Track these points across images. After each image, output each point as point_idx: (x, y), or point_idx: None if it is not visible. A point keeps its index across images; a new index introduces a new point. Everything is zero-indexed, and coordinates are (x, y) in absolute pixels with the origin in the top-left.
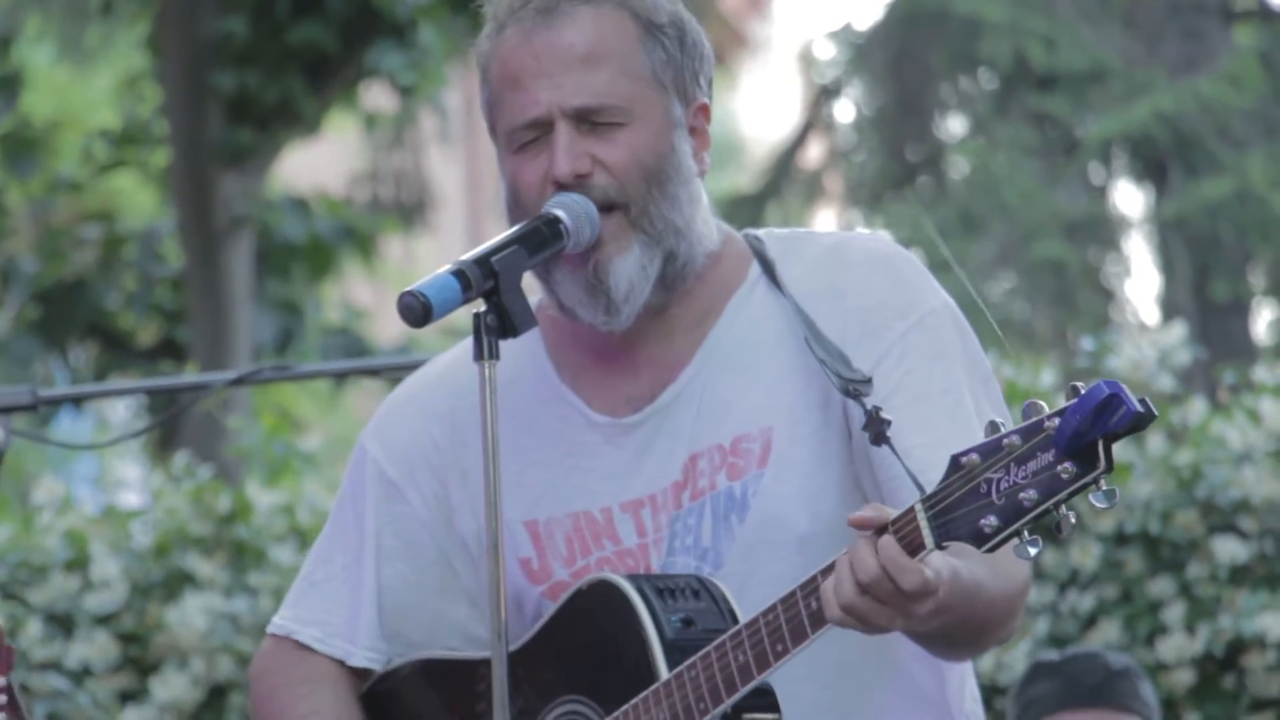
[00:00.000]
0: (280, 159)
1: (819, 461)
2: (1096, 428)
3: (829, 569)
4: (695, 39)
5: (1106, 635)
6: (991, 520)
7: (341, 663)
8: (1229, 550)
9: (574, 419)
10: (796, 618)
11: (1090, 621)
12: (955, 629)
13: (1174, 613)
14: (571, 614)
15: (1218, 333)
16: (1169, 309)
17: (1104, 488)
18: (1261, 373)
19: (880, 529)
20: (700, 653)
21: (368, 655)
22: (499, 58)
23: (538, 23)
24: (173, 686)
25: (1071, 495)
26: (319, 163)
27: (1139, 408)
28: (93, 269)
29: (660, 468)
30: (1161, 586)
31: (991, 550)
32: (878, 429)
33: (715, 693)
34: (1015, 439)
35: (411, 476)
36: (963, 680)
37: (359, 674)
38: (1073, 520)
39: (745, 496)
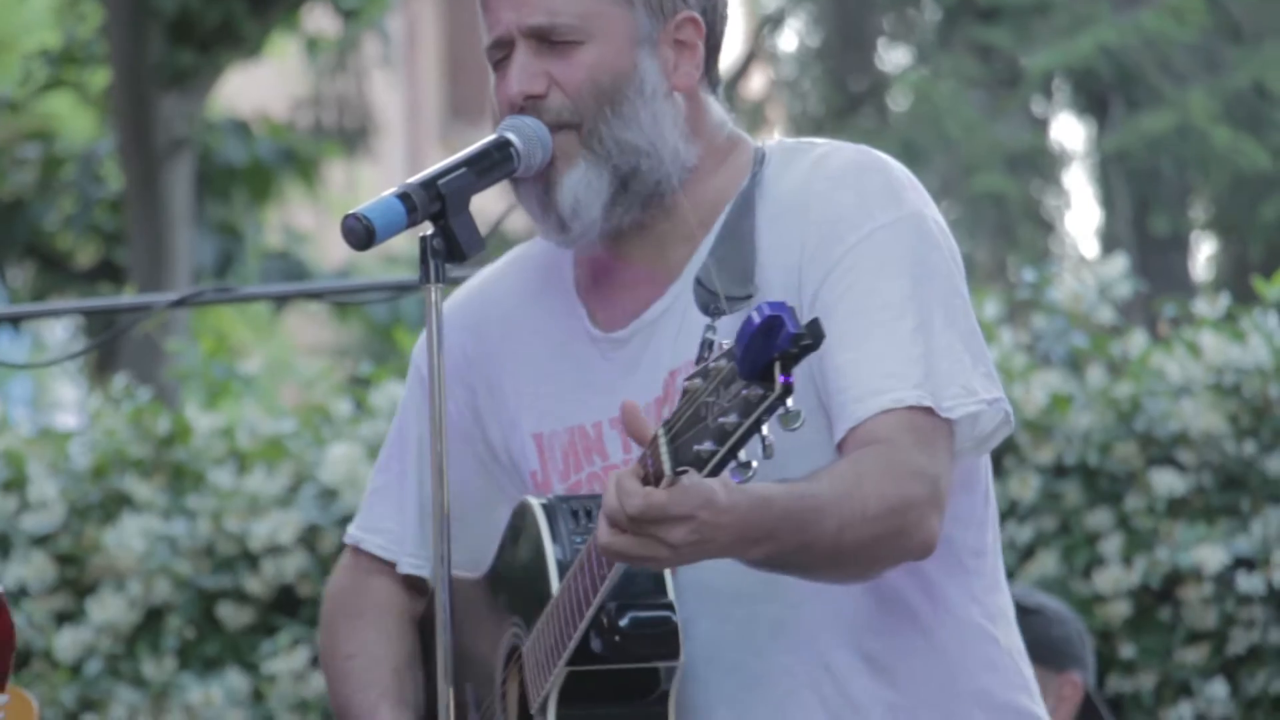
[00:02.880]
0: (221, 81)
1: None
2: (767, 350)
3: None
4: None
5: (1044, 566)
6: (707, 445)
7: (405, 576)
8: (1167, 483)
9: (579, 332)
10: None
11: (1028, 553)
12: (797, 554)
13: (1111, 545)
14: (509, 537)
15: (1157, 267)
16: (1109, 242)
17: (789, 409)
18: (1201, 306)
19: (641, 458)
20: (570, 570)
21: (412, 562)
22: None
23: None
24: (109, 608)
25: (761, 417)
26: (260, 86)
27: (797, 329)
28: (31, 189)
29: (644, 383)
30: (1099, 518)
31: (712, 474)
32: (700, 352)
33: (580, 607)
34: (721, 363)
35: (448, 384)
36: (970, 595)
37: (420, 588)
38: (771, 441)
39: None
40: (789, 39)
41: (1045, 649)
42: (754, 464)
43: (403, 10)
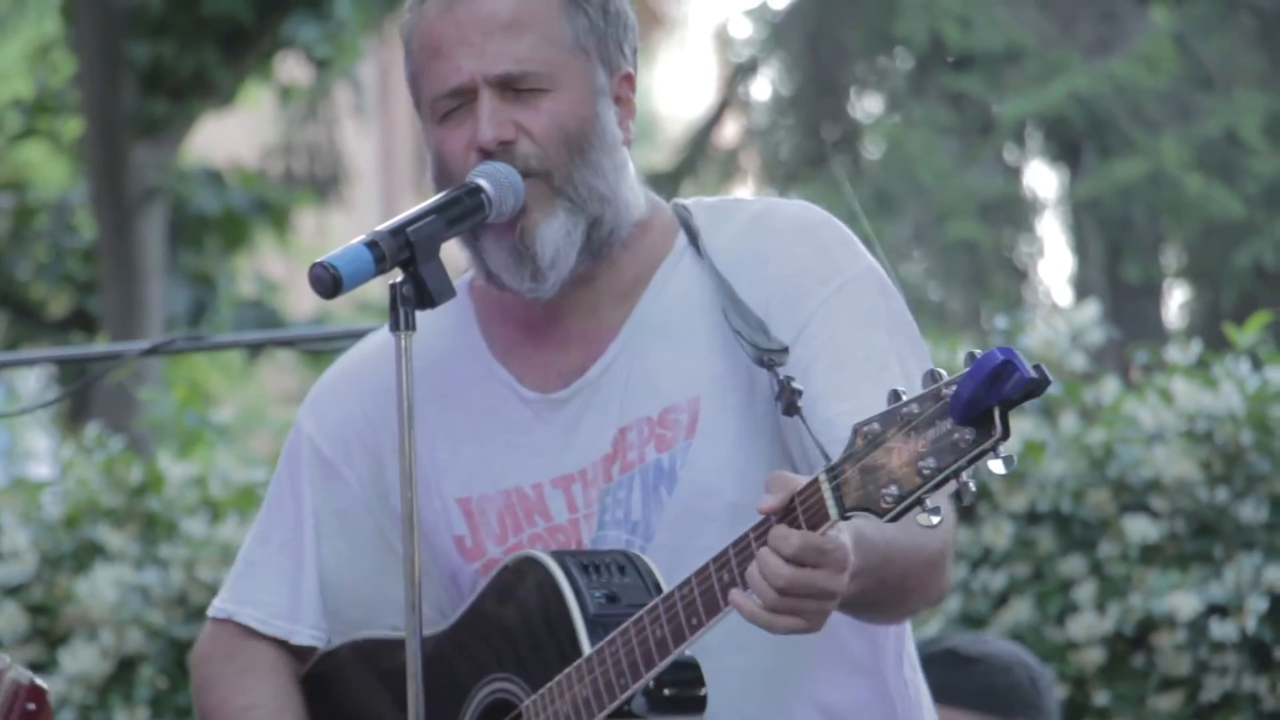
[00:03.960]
0: (194, 130)
1: (747, 431)
2: (991, 395)
3: (740, 541)
4: (619, 8)
5: (1018, 614)
6: (893, 490)
7: (283, 645)
8: (1140, 529)
9: (505, 395)
10: (710, 591)
11: (1002, 600)
12: (873, 590)
13: (1085, 591)
14: (499, 591)
15: (1130, 314)
16: (1081, 290)
17: (1002, 454)
18: (1174, 353)
19: (788, 507)
20: (620, 628)
21: (311, 634)
22: (421, 28)
23: None
24: (82, 659)
25: (970, 463)
26: (233, 135)
27: (1032, 374)
28: (4, 239)
29: (590, 442)
30: (1072, 565)
31: (894, 520)
32: (789, 400)
33: (634, 667)
34: (914, 407)
35: (347, 454)
36: (900, 646)
37: (300, 655)
38: (973, 488)
39: (674, 468)
40: (762, 87)
41: (989, 697)
42: (941, 509)
43: (375, 58)
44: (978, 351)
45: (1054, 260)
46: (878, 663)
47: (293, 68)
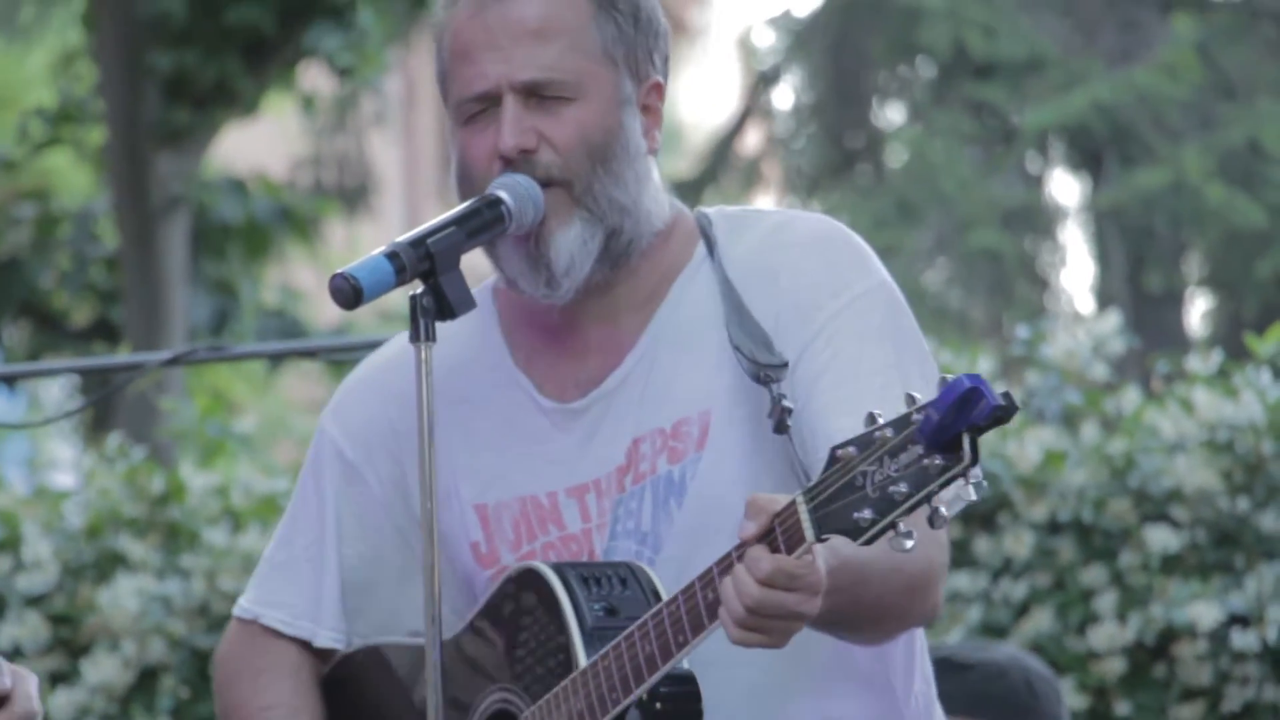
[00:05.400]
0: (217, 140)
1: (756, 444)
2: (959, 421)
3: (724, 559)
4: (650, 16)
5: (1039, 624)
6: (866, 513)
7: (306, 646)
8: (1161, 539)
9: (524, 403)
10: (695, 608)
11: (1023, 610)
12: (846, 610)
13: (1106, 601)
14: (502, 602)
15: (1152, 323)
16: (1104, 298)
17: (972, 480)
18: (1195, 362)
19: (766, 529)
20: (613, 642)
21: (332, 635)
22: (452, 29)
23: None
24: (104, 668)
25: (941, 488)
26: (257, 144)
27: (1000, 401)
28: (27, 248)
29: (605, 452)
30: (1093, 575)
31: (867, 544)
32: (779, 417)
33: (626, 682)
34: (888, 432)
35: (369, 458)
36: (910, 660)
37: (322, 656)
38: (944, 513)
39: (684, 480)
40: (784, 96)
41: (982, 703)
42: (914, 534)
43: (400, 69)
44: (948, 377)
45: (1076, 269)
46: (886, 675)
47: (316, 77)
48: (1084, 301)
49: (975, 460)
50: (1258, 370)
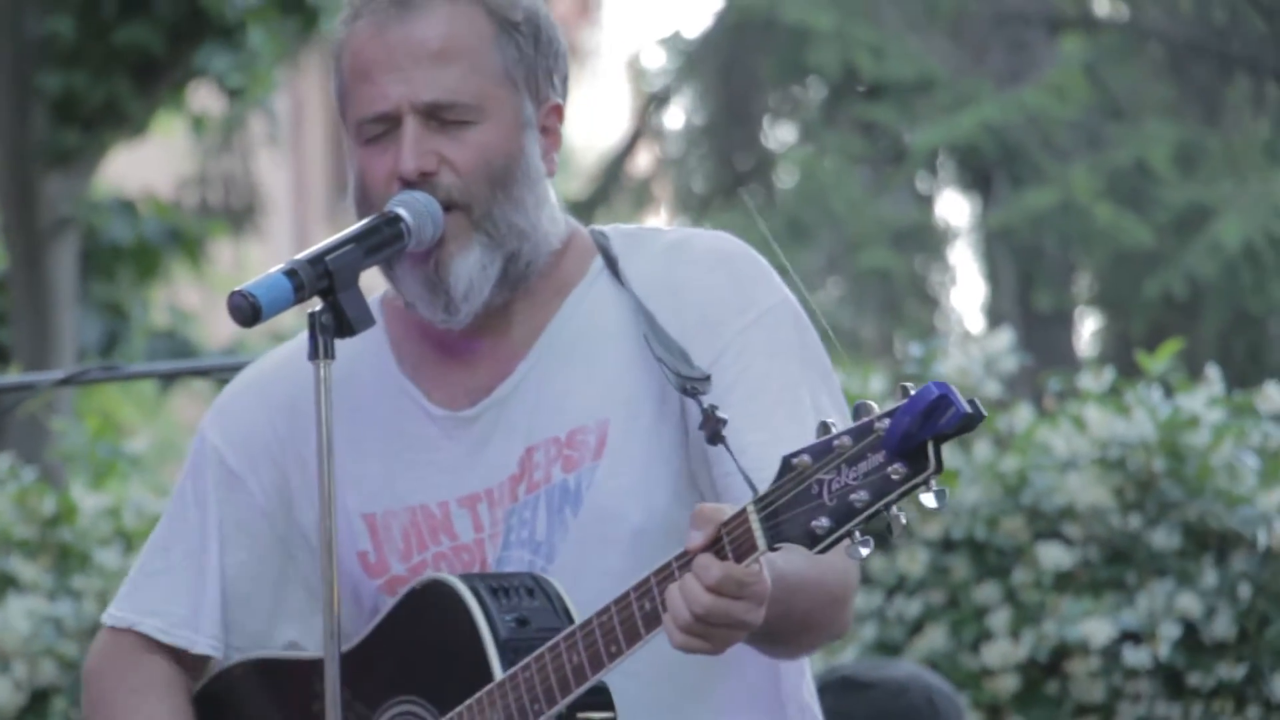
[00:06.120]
0: (106, 160)
1: (654, 456)
2: (926, 429)
3: (662, 569)
4: (550, 37)
5: (932, 641)
6: (823, 522)
7: (180, 657)
8: (1053, 556)
9: (413, 411)
10: (630, 619)
11: (917, 627)
12: (777, 622)
13: (999, 618)
14: (406, 614)
15: (1041, 342)
16: (994, 318)
17: (935, 488)
18: (1087, 380)
19: (714, 539)
20: (534, 653)
21: (209, 643)
22: (351, 48)
23: (391, 15)
24: None
25: (902, 496)
26: (146, 164)
27: (968, 408)
28: None
29: (497, 461)
30: (987, 592)
31: (823, 551)
32: (713, 428)
33: (550, 693)
34: (846, 440)
35: (251, 465)
36: (800, 675)
37: (196, 666)
38: (904, 521)
39: (579, 489)
40: (675, 116)
41: None
42: (872, 542)
43: (289, 89)
44: (911, 386)
45: (966, 288)
46: (779, 690)
47: (206, 97)
48: (974, 321)
49: (940, 468)
50: (1149, 388)
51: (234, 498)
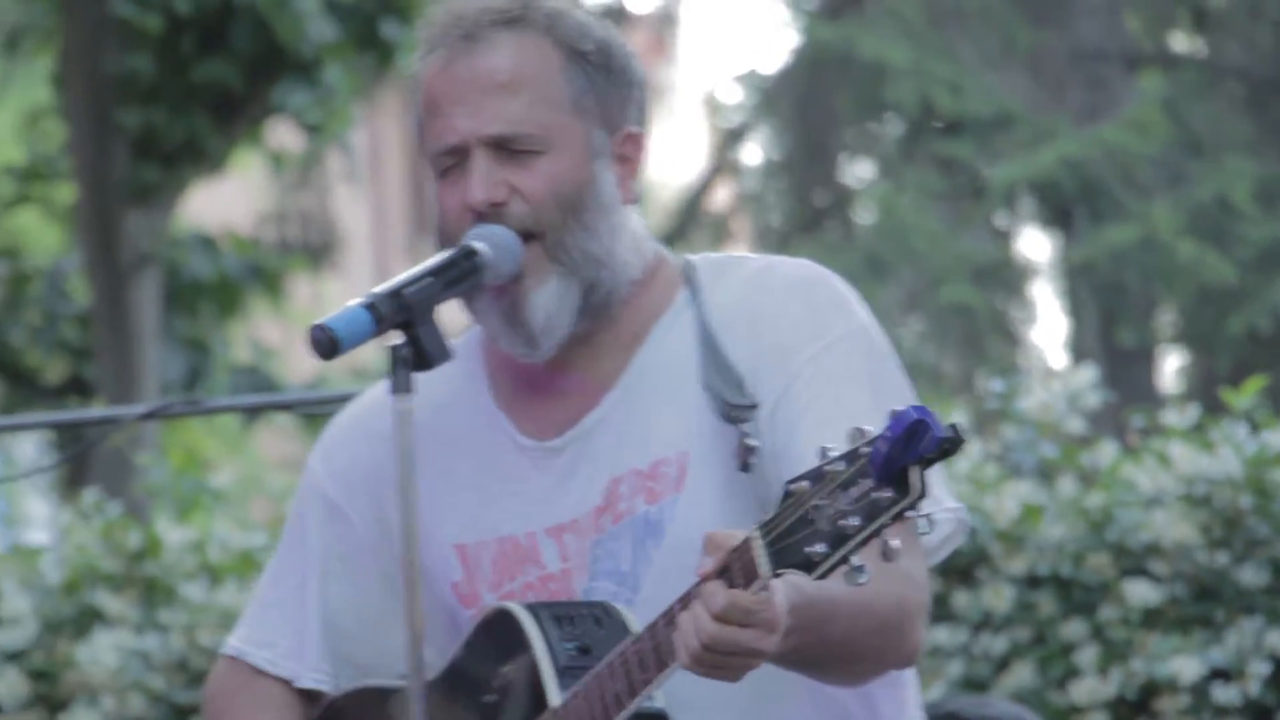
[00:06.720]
0: (186, 196)
1: (733, 486)
2: (907, 454)
3: (685, 596)
4: (624, 65)
5: (1020, 678)
6: (819, 547)
7: (291, 686)
8: (1140, 593)
9: (504, 442)
10: (658, 647)
11: (1003, 664)
12: (812, 649)
13: (1086, 655)
14: (477, 643)
15: (1123, 378)
16: (1076, 354)
17: (922, 513)
18: (1171, 416)
19: (723, 565)
20: (582, 681)
21: (314, 676)
22: (424, 83)
23: (459, 49)
24: None
25: (891, 521)
26: (226, 201)
27: (946, 432)
28: None
29: (583, 492)
30: (1074, 629)
31: (821, 578)
32: (744, 457)
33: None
34: (839, 465)
35: (351, 498)
36: (901, 706)
37: (310, 698)
38: (895, 546)
39: (661, 521)
40: (753, 152)
41: None
42: (867, 568)
43: (367, 125)
44: (896, 410)
45: (1047, 325)
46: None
47: (284, 134)
48: (1055, 357)
49: (924, 493)
50: (1234, 424)
51: (335, 530)
